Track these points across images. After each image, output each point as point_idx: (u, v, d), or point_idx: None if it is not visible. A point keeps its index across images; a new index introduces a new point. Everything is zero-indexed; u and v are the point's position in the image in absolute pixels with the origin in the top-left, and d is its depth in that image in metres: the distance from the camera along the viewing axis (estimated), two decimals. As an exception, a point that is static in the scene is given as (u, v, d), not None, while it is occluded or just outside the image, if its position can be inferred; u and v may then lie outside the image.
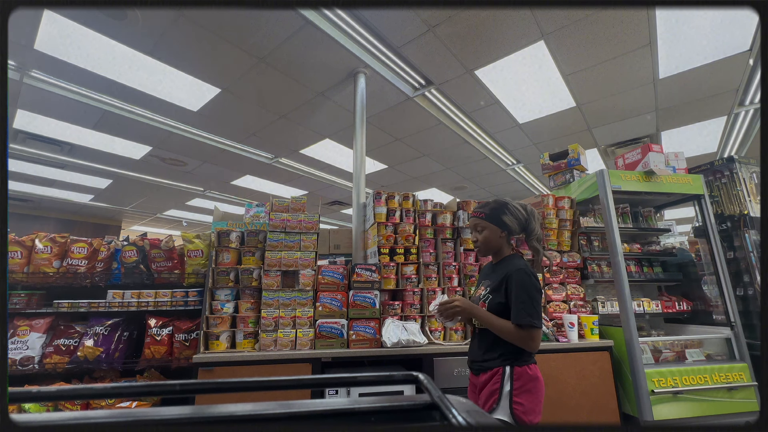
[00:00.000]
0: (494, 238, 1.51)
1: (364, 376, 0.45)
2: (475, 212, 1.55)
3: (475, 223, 1.55)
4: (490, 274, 1.56)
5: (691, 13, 2.68)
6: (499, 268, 1.52)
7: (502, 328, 1.38)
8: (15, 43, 2.85)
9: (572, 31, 2.81)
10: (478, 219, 1.53)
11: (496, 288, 1.45)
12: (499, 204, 1.53)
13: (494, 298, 1.44)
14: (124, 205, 7.69)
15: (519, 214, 1.52)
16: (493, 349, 1.43)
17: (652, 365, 2.34)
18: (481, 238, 1.52)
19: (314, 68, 3.21)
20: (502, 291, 1.43)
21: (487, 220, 1.51)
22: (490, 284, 1.50)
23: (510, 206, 1.53)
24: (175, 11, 2.55)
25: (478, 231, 1.54)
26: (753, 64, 3.18)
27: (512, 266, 1.45)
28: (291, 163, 5.45)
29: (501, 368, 1.39)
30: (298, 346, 2.10)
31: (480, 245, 1.54)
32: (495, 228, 1.51)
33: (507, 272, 1.44)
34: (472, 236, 1.58)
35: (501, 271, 1.48)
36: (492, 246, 1.52)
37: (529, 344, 1.36)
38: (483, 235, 1.52)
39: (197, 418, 0.34)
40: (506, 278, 1.43)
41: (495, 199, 1.56)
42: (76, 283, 2.23)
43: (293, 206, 2.44)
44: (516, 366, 1.39)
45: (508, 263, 1.49)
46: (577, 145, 3.10)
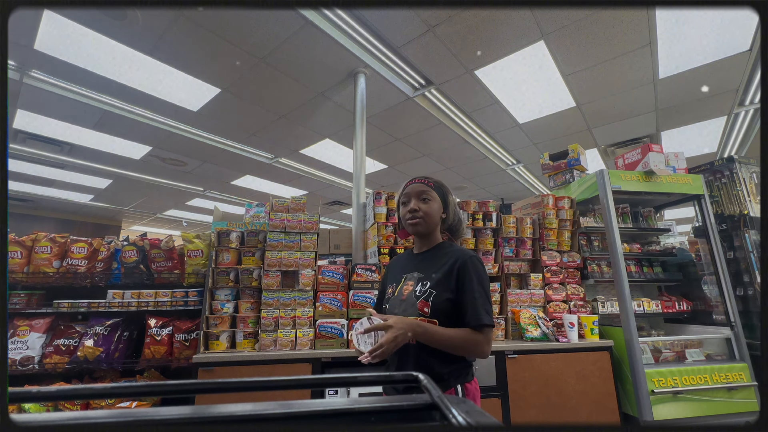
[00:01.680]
0: (437, 215, 1.23)
1: (364, 376, 0.45)
2: (419, 179, 1.26)
3: (420, 190, 1.23)
4: (419, 264, 1.24)
5: (691, 13, 2.68)
6: (434, 256, 1.22)
7: (458, 340, 1.07)
8: (15, 43, 2.85)
9: (572, 31, 2.81)
10: (425, 186, 1.24)
11: (441, 280, 1.14)
12: (445, 184, 1.31)
13: (440, 293, 1.12)
14: (124, 205, 7.69)
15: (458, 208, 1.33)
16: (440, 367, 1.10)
17: (652, 365, 2.34)
18: (425, 208, 1.21)
19: (314, 68, 3.21)
20: (452, 284, 1.13)
21: (435, 191, 1.25)
22: (428, 276, 1.17)
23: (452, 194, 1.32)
24: (175, 11, 2.55)
25: (422, 200, 1.22)
26: (753, 64, 3.18)
27: (460, 253, 1.17)
28: (291, 163, 5.45)
29: (453, 389, 1.10)
30: (298, 346, 2.10)
31: (422, 217, 1.20)
32: (440, 204, 1.25)
33: (455, 260, 1.15)
34: (411, 204, 1.22)
35: (441, 260, 1.19)
36: (432, 223, 1.22)
37: (486, 350, 1.09)
38: (428, 205, 1.21)
39: (197, 418, 0.34)
40: (457, 268, 1.13)
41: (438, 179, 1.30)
42: (76, 283, 2.23)
43: (293, 206, 2.44)
44: (467, 383, 1.12)
45: (448, 250, 1.21)
46: (577, 145, 3.09)
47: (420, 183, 1.25)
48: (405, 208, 1.24)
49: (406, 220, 1.24)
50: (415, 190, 1.24)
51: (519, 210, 3.12)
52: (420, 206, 1.21)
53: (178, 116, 4.04)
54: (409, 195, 1.25)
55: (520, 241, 2.69)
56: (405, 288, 1.21)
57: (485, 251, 2.60)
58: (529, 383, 2.16)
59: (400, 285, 1.23)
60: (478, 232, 2.63)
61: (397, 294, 1.22)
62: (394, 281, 1.27)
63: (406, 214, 1.23)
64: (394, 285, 1.26)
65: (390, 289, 1.26)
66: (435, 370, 1.09)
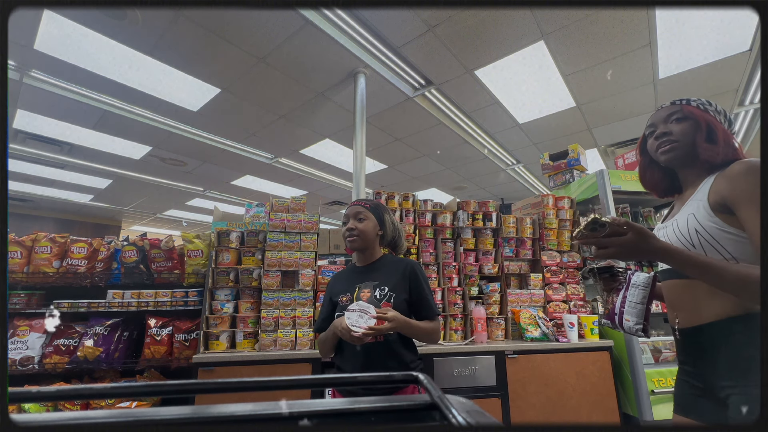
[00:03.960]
0: (372, 233, 1.43)
1: (363, 376, 0.45)
2: (358, 201, 1.48)
3: (357, 210, 1.44)
4: (368, 274, 1.43)
5: (691, 13, 2.68)
6: (381, 267, 1.43)
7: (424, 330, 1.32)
8: (15, 43, 2.85)
9: (572, 31, 2.81)
10: (362, 207, 1.44)
11: (396, 285, 1.35)
12: (382, 205, 1.52)
13: (398, 295, 1.34)
14: (124, 205, 7.69)
15: (395, 224, 1.52)
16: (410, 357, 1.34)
17: (652, 365, 2.34)
18: (361, 227, 1.40)
19: (314, 68, 3.22)
20: (406, 287, 1.36)
21: (371, 212, 1.45)
22: (383, 282, 1.37)
23: (389, 213, 1.53)
24: (175, 11, 2.56)
25: (358, 220, 1.42)
26: (753, 64, 3.18)
27: (405, 262, 1.42)
28: (291, 163, 5.45)
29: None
30: (298, 346, 2.10)
31: (358, 234, 1.40)
32: (375, 223, 1.44)
33: (404, 268, 1.39)
34: (349, 224, 1.43)
35: (390, 268, 1.41)
36: (368, 239, 1.42)
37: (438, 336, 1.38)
38: (364, 224, 1.41)
39: (197, 418, 0.34)
40: (408, 274, 1.38)
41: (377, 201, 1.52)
42: (76, 283, 2.23)
43: (293, 206, 2.44)
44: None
45: (392, 260, 1.45)
46: (577, 145, 3.10)
47: (357, 205, 1.46)
48: (344, 227, 1.44)
49: (345, 237, 1.44)
50: (353, 211, 1.44)
51: (519, 210, 3.12)
52: (357, 225, 1.41)
53: (178, 116, 4.04)
54: (348, 216, 1.45)
55: (520, 241, 2.69)
56: (362, 295, 1.36)
57: (485, 251, 2.60)
58: (529, 383, 2.16)
59: (356, 293, 1.38)
60: (478, 232, 2.63)
61: (356, 300, 1.36)
62: (347, 291, 1.40)
63: (345, 232, 1.43)
64: (348, 294, 1.39)
65: (345, 298, 1.39)
66: (405, 358, 1.32)
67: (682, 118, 0.98)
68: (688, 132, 0.95)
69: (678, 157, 0.97)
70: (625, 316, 1.00)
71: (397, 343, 1.32)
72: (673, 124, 0.98)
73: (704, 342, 0.89)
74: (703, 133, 0.94)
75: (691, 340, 0.92)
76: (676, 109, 0.99)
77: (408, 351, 1.35)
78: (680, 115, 0.98)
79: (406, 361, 1.32)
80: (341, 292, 1.42)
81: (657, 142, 1.00)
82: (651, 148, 1.04)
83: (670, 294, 0.98)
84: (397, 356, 1.31)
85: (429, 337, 1.35)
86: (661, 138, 0.99)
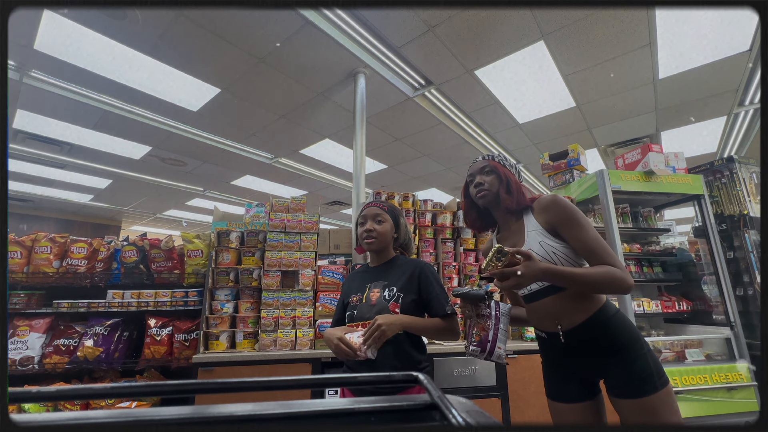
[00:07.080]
0: (389, 235, 1.45)
1: (363, 376, 0.45)
2: (375, 203, 1.48)
3: (375, 212, 1.44)
4: (380, 274, 1.44)
5: (691, 13, 2.68)
6: (392, 267, 1.44)
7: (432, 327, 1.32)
8: (15, 43, 2.85)
9: (572, 31, 2.81)
10: (379, 209, 1.45)
11: (405, 286, 1.36)
12: (397, 208, 1.53)
13: (407, 295, 1.34)
14: (124, 205, 7.69)
15: (408, 228, 1.54)
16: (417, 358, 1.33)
17: (652, 365, 2.34)
18: (380, 229, 1.42)
19: (314, 68, 3.21)
20: (415, 288, 1.36)
21: (388, 214, 1.46)
22: (393, 283, 1.38)
23: (403, 215, 1.54)
24: (175, 11, 2.55)
25: (377, 222, 1.43)
26: (753, 64, 3.18)
27: (415, 263, 1.42)
28: (291, 163, 5.45)
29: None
30: (298, 346, 2.10)
31: (376, 236, 1.41)
32: (392, 225, 1.46)
33: (414, 268, 1.39)
34: (367, 225, 1.43)
35: (400, 269, 1.41)
36: (385, 241, 1.44)
37: (457, 333, 1.34)
38: (382, 226, 1.43)
39: (197, 418, 0.34)
40: (417, 274, 1.38)
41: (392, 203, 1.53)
42: (75, 283, 2.23)
43: (293, 206, 2.44)
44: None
45: (404, 261, 1.45)
46: (577, 145, 3.10)
47: (375, 207, 1.46)
48: (362, 228, 1.44)
49: (363, 239, 1.43)
50: (371, 212, 1.44)
51: (519, 210, 3.11)
52: (375, 227, 1.42)
53: (177, 116, 4.04)
54: (365, 217, 1.45)
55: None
56: (372, 295, 1.38)
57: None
58: (529, 383, 2.16)
59: (366, 293, 1.40)
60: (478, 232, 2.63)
61: (365, 300, 1.38)
62: (358, 291, 1.43)
63: (363, 233, 1.43)
64: (359, 294, 1.41)
65: (355, 298, 1.41)
66: (414, 358, 1.31)
67: (490, 170, 1.27)
68: (494, 183, 1.25)
69: (490, 201, 1.26)
70: (497, 344, 1.16)
71: (406, 343, 1.31)
72: (485, 175, 1.27)
73: (585, 336, 1.13)
74: (504, 185, 1.24)
75: (575, 337, 1.14)
76: (486, 164, 1.29)
77: (417, 351, 1.34)
78: (489, 169, 1.27)
79: (414, 362, 1.31)
80: (353, 292, 1.44)
81: (476, 189, 1.28)
82: (472, 193, 1.31)
83: (551, 306, 1.17)
84: (406, 356, 1.30)
85: (440, 334, 1.33)
86: (478, 186, 1.27)
